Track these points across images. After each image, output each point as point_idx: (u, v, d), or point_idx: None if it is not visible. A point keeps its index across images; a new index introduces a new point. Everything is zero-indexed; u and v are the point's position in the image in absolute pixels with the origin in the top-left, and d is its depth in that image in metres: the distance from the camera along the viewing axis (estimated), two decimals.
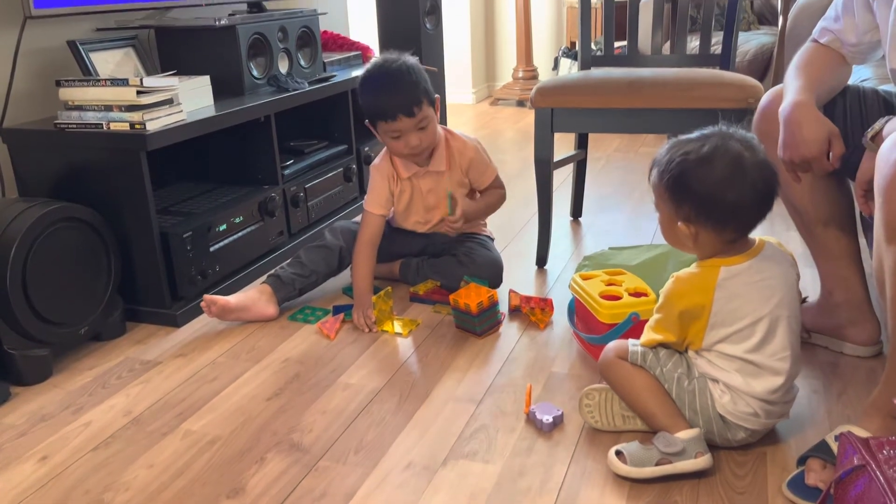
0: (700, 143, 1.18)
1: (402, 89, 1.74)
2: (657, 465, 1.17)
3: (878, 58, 1.44)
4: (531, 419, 1.36)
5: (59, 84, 1.77)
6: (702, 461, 1.17)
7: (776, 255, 1.24)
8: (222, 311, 1.76)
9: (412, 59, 1.80)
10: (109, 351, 1.71)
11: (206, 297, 1.76)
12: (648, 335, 1.27)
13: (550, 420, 1.33)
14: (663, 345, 1.26)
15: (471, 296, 1.68)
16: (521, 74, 4.69)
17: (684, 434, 1.19)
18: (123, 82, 1.72)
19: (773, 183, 1.18)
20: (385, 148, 1.88)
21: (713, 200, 1.16)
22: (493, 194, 1.95)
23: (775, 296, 1.20)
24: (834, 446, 1.11)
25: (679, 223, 1.20)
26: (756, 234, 1.24)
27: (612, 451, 1.21)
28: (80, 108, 1.76)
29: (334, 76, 2.48)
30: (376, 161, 1.91)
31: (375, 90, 1.77)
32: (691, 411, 1.22)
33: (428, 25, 3.20)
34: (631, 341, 1.29)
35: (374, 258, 1.86)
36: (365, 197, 1.90)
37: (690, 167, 1.16)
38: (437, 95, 1.83)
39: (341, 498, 1.18)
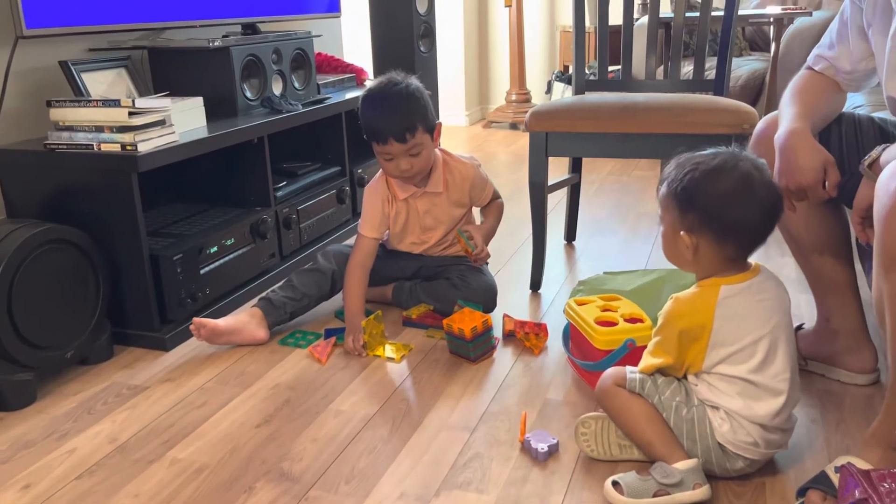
0: (711, 157, 1.19)
1: (397, 114, 1.73)
2: (654, 496, 1.15)
3: (874, 85, 1.45)
4: (526, 448, 1.34)
5: (49, 104, 1.75)
6: (700, 492, 1.15)
7: (773, 277, 1.24)
8: (212, 335, 1.74)
9: (416, 84, 1.79)
10: (96, 375, 1.68)
11: (196, 319, 1.73)
12: (647, 360, 1.26)
13: (546, 449, 1.31)
14: (662, 371, 1.25)
15: (464, 320, 1.66)
16: (514, 97, 4.70)
17: (682, 465, 1.17)
18: (115, 103, 1.70)
19: (779, 205, 1.20)
20: (381, 169, 1.87)
21: (719, 212, 1.17)
22: (495, 207, 1.98)
23: (775, 316, 1.19)
24: (834, 477, 1.09)
25: (682, 233, 1.20)
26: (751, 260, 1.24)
27: (608, 482, 1.19)
28: (70, 128, 1.74)
29: (328, 98, 2.48)
30: (371, 183, 1.89)
31: (372, 110, 1.77)
32: (689, 440, 1.20)
33: (422, 48, 3.21)
34: (629, 368, 1.28)
35: (365, 281, 1.84)
36: (359, 220, 1.89)
37: (701, 177, 1.18)
38: (438, 122, 1.82)
39: None
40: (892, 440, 1.09)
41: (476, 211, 2.01)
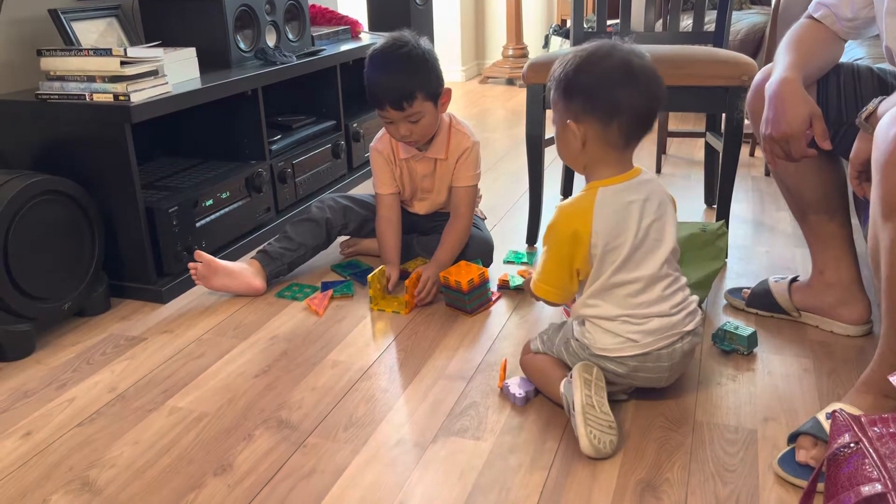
0: (587, 46, 1.24)
1: (395, 80, 1.66)
2: (578, 424, 1.18)
3: (873, 34, 1.43)
4: (504, 393, 1.36)
5: (40, 53, 1.72)
6: (576, 385, 1.20)
7: (653, 180, 1.28)
8: (208, 270, 1.74)
9: (423, 47, 1.70)
10: (93, 327, 1.68)
11: (197, 252, 1.74)
12: (534, 277, 1.31)
13: (523, 395, 1.33)
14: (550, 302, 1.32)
15: (461, 273, 1.66)
16: (510, 52, 4.65)
17: (561, 385, 1.27)
18: (107, 52, 1.68)
19: (659, 92, 1.22)
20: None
21: (599, 91, 1.19)
22: (455, 231, 1.81)
23: (640, 220, 1.23)
24: (825, 424, 1.11)
25: (569, 122, 1.23)
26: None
27: None
28: (62, 78, 1.72)
29: (323, 50, 2.44)
30: (375, 142, 1.87)
31: (372, 73, 1.70)
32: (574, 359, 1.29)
33: (417, 1, 3.16)
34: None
35: (393, 231, 1.85)
36: (355, 176, 1.88)
37: (580, 62, 1.21)
38: (447, 88, 1.75)
39: (330, 475, 1.17)
40: (884, 387, 1.10)
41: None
